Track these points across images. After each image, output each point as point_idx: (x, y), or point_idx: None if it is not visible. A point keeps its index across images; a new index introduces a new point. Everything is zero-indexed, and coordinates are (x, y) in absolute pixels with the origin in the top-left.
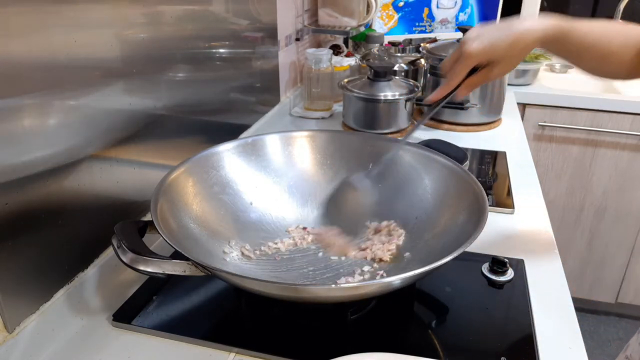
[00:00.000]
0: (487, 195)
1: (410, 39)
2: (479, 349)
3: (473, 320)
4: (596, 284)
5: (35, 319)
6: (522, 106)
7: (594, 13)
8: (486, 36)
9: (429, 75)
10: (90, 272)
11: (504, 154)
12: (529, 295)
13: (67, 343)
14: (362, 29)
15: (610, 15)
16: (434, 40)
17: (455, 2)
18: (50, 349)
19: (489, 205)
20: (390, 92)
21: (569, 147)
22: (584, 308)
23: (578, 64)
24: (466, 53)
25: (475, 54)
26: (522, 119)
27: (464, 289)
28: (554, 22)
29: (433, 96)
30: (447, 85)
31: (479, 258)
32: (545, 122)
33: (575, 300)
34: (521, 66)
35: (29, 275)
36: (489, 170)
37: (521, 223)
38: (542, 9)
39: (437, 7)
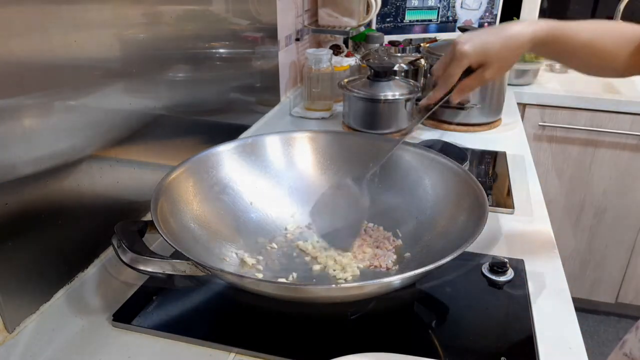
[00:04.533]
0: (487, 195)
1: (410, 39)
2: (479, 349)
3: (473, 321)
4: (596, 284)
5: (35, 319)
6: (522, 106)
7: (594, 13)
8: (478, 38)
9: (429, 75)
10: (90, 272)
11: (504, 154)
12: (529, 295)
13: (67, 343)
14: (362, 29)
15: (610, 16)
16: (434, 40)
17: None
18: (50, 349)
19: (489, 205)
20: (390, 92)
21: (569, 147)
22: (584, 308)
23: (571, 64)
24: (459, 53)
25: (468, 54)
26: (522, 119)
27: (464, 289)
28: (543, 24)
29: (427, 100)
30: (441, 88)
31: (479, 258)
32: (545, 122)
33: (575, 300)
34: (521, 66)
35: (29, 275)
36: (489, 171)
37: (521, 223)
38: (542, 9)
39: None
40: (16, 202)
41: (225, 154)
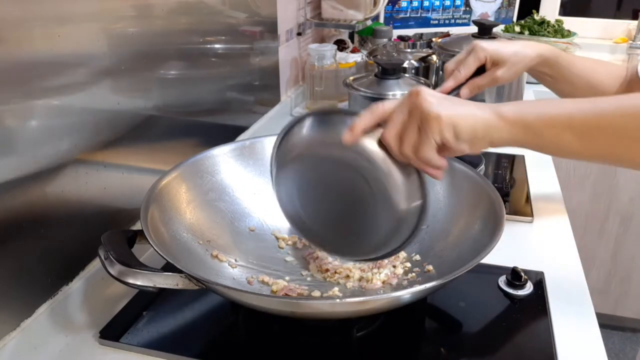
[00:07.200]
0: (504, 203)
1: (421, 34)
2: None
3: (489, 338)
4: (622, 299)
5: (16, 336)
6: None
7: (619, 5)
8: (494, 42)
9: (441, 72)
10: (76, 286)
11: (522, 157)
12: (549, 310)
13: None
14: (369, 22)
15: (636, 8)
16: (447, 35)
17: None
18: None
19: (506, 214)
20: (399, 91)
21: None
22: (609, 325)
23: (564, 90)
24: (478, 46)
25: (487, 48)
26: None
27: (479, 303)
28: (549, 47)
29: (439, 91)
30: (455, 79)
31: (496, 270)
32: None
33: (600, 316)
34: None
35: (9, 288)
36: (506, 176)
37: (541, 233)
38: (563, 2)
39: None
40: None
41: (222, 157)
